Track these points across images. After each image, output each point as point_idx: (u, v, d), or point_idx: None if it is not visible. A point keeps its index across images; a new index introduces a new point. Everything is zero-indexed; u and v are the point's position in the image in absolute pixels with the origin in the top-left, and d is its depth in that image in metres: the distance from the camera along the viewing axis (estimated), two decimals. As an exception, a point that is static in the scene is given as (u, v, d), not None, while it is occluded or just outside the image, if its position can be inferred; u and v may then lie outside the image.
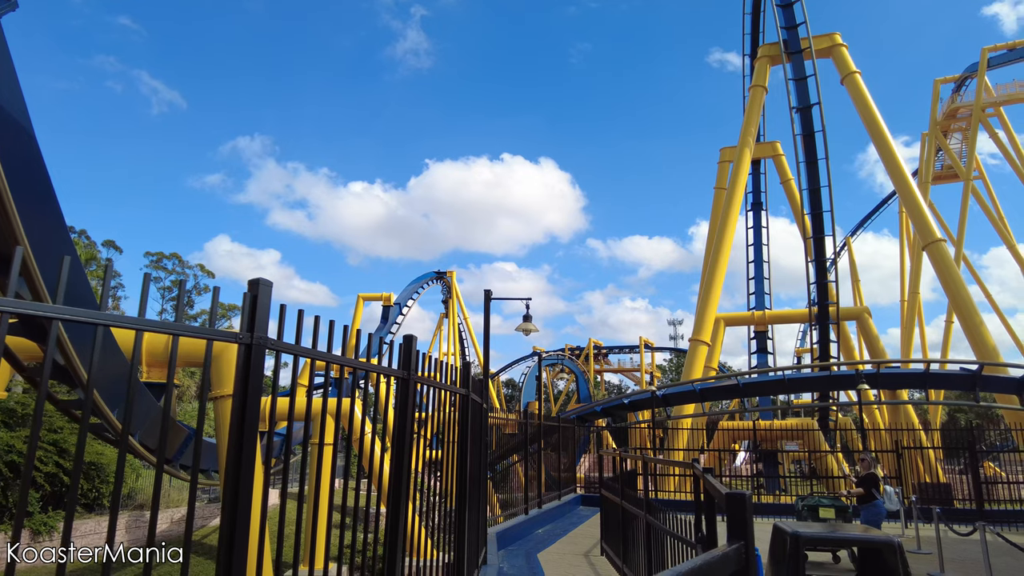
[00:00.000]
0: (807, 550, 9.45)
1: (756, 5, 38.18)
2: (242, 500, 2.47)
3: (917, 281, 39.54)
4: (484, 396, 7.53)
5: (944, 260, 26.79)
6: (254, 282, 2.71)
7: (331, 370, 3.39)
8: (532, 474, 13.35)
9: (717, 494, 2.68)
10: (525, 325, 12.88)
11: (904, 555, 5.43)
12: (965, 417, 53.72)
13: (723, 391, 27.22)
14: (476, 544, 6.79)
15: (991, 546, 8.33)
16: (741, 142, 32.70)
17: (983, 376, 22.07)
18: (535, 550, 10.30)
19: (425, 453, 5.02)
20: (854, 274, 50.69)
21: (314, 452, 10.53)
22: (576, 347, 72.94)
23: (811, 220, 31.32)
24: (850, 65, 30.96)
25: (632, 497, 7.65)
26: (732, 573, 1.70)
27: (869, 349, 33.21)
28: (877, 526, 9.99)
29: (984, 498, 16.52)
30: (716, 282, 30.55)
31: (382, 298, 50.71)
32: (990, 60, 37.98)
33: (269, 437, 3.23)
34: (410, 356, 3.84)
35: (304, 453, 3.28)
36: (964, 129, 41.68)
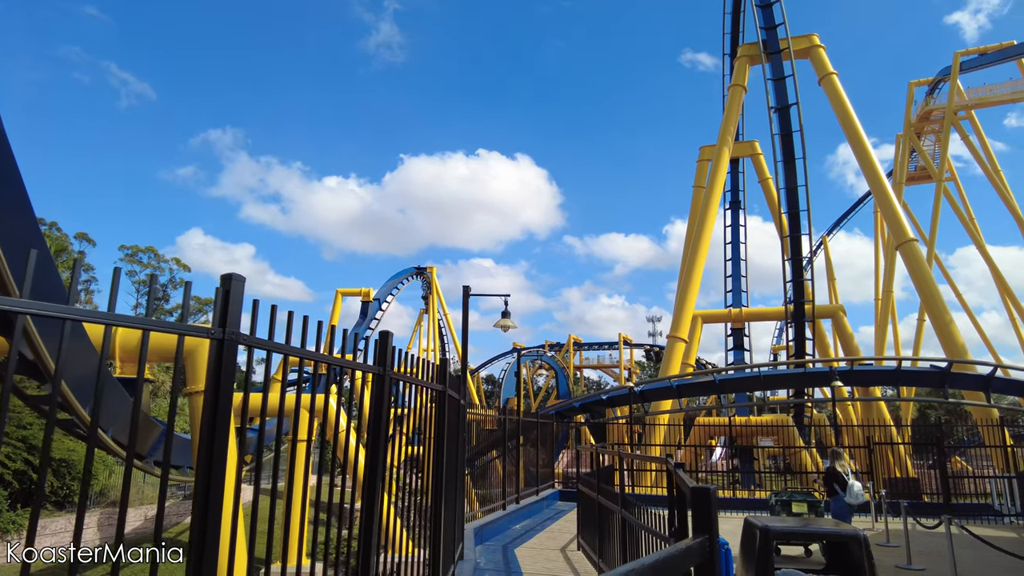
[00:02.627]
0: (780, 544, 9.62)
1: (736, 5, 38.52)
2: (213, 496, 2.45)
3: (891, 280, 40.25)
4: (462, 392, 7.54)
5: (916, 260, 27.32)
6: (226, 277, 2.69)
7: (305, 366, 3.38)
8: (511, 470, 13.40)
9: (686, 488, 2.72)
10: (504, 321, 12.91)
11: (869, 548, 5.56)
12: (935, 413, 54.83)
13: (700, 387, 27.53)
14: (453, 539, 6.81)
15: (956, 539, 8.53)
16: (720, 141, 32.99)
17: (952, 373, 22.59)
18: (512, 545, 10.35)
19: (403, 449, 5.02)
20: (830, 273, 51.48)
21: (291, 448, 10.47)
22: (556, 343, 73.20)
23: (788, 219, 31.70)
24: (827, 66, 31.39)
25: (608, 492, 7.71)
26: (697, 566, 1.74)
27: (843, 347, 33.76)
28: (845, 519, 10.19)
29: (951, 492, 16.90)
30: (694, 279, 30.84)
31: (361, 293, 50.40)
32: (962, 64, 38.70)
33: (242, 434, 3.22)
34: (386, 352, 3.84)
35: (276, 450, 3.27)
36: (937, 131, 42.45)
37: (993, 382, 22.04)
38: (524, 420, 14.88)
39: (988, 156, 40.65)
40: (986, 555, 9.42)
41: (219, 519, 2.47)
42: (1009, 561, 8.97)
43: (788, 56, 31.91)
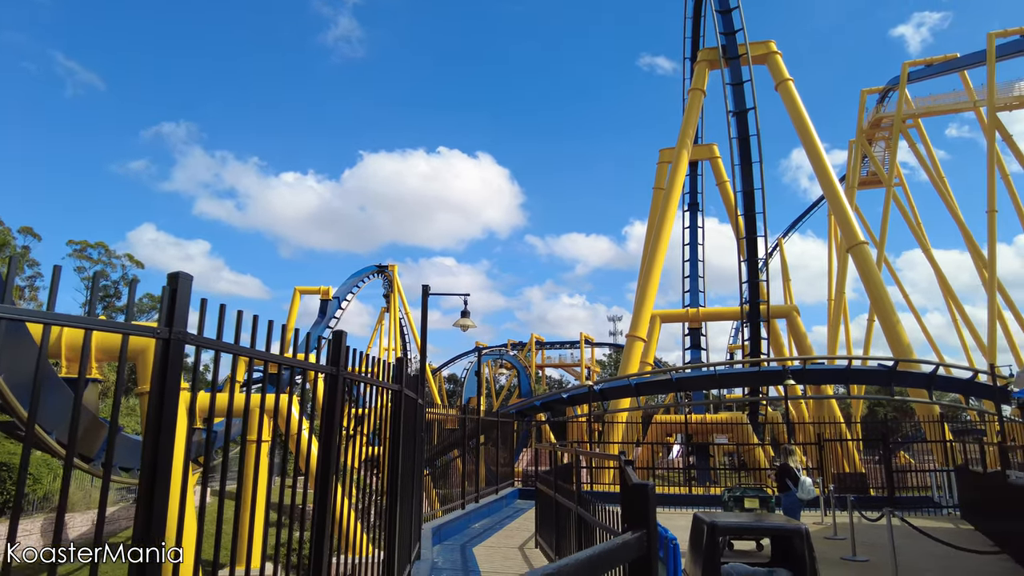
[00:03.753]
0: (733, 539, 9.86)
1: (697, 10, 39.19)
2: (158, 500, 2.42)
3: (843, 281, 41.48)
4: (420, 392, 7.52)
5: (866, 262, 28.25)
6: (173, 275, 2.65)
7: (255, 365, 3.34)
8: (471, 469, 13.40)
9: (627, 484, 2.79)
10: (463, 321, 12.90)
11: (811, 541, 5.76)
12: (883, 410, 56.77)
13: (658, 386, 27.95)
14: (409, 539, 6.80)
15: (898, 530, 8.87)
16: (679, 144, 33.54)
17: (898, 372, 23.42)
18: (471, 544, 10.37)
19: (361, 450, 4.99)
20: (784, 274, 52.78)
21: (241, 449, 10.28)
22: (518, 342, 73.42)
23: (744, 221, 32.40)
24: (784, 72, 32.20)
25: (565, 490, 7.79)
26: (634, 559, 1.79)
27: (797, 346, 34.70)
28: (795, 514, 10.50)
29: (895, 486, 17.53)
30: (653, 280, 31.30)
31: (320, 291, 49.66)
32: (910, 74, 40.09)
33: (189, 435, 3.17)
34: (339, 352, 3.82)
35: (225, 451, 3.23)
36: (887, 138, 43.91)
37: (935, 380, 22.93)
38: (485, 419, 14.90)
39: (933, 163, 42.23)
40: (925, 545, 9.81)
41: (163, 520, 2.44)
42: (945, 550, 9.38)
43: (746, 61, 32.61)
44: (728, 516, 7.05)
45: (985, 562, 9.46)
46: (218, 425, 21.72)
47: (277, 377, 3.60)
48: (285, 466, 3.85)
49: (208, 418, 3.11)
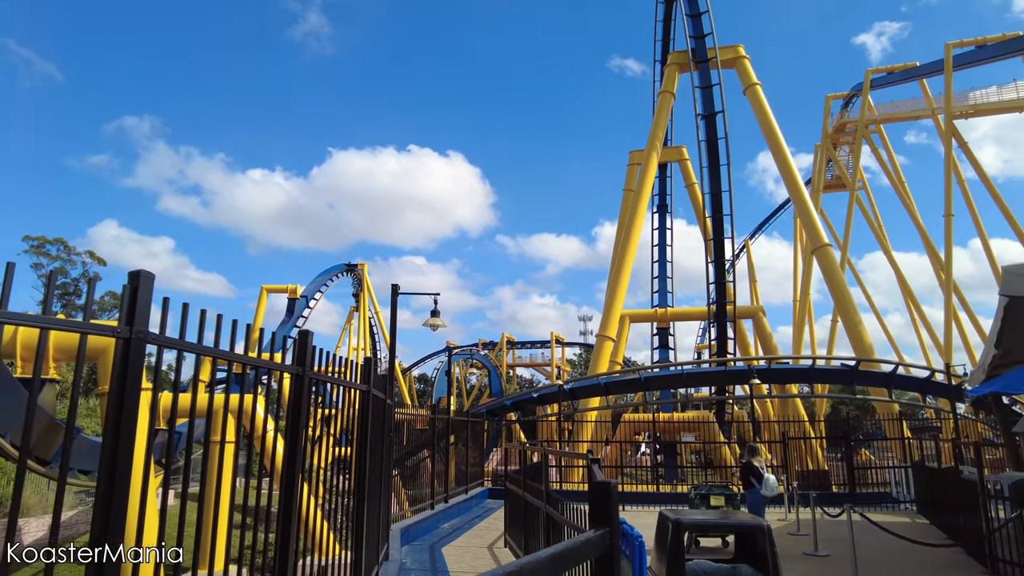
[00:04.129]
0: (699, 536, 10.01)
1: (667, 13, 39.62)
2: (116, 502, 2.37)
3: (808, 283, 42.37)
4: (390, 392, 7.48)
5: (830, 264, 28.90)
6: (134, 274, 2.61)
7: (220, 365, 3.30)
8: (440, 469, 13.37)
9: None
10: (432, 320, 12.86)
11: (772, 537, 5.89)
12: (846, 409, 58.11)
13: (627, 385, 28.20)
14: (377, 540, 6.76)
15: (858, 525, 9.10)
16: (649, 146, 33.88)
17: (860, 371, 24.00)
18: (440, 544, 10.35)
19: (329, 451, 4.95)
20: (751, 275, 53.68)
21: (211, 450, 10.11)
22: (489, 341, 73.41)
23: (712, 223, 32.87)
24: (752, 77, 32.75)
25: (534, 489, 7.82)
26: (598, 557, 1.82)
27: (763, 346, 35.31)
28: (760, 511, 10.69)
29: (856, 482, 17.97)
30: (622, 280, 31.57)
31: (287, 290, 48.94)
32: (873, 81, 41.13)
33: (150, 436, 3.11)
34: (305, 352, 3.78)
35: (188, 452, 3.18)
36: (850, 143, 44.99)
37: (895, 379, 23.56)
38: (455, 419, 14.87)
39: (894, 168, 43.39)
40: (883, 539, 10.09)
41: (122, 522, 2.40)
42: (902, 544, 9.66)
43: (715, 65, 33.09)
44: (693, 514, 7.16)
45: (939, 554, 9.78)
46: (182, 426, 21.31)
47: (242, 377, 3.56)
48: (250, 467, 3.80)
49: (170, 419, 3.06)
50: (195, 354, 2.94)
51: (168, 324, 2.73)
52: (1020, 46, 32.68)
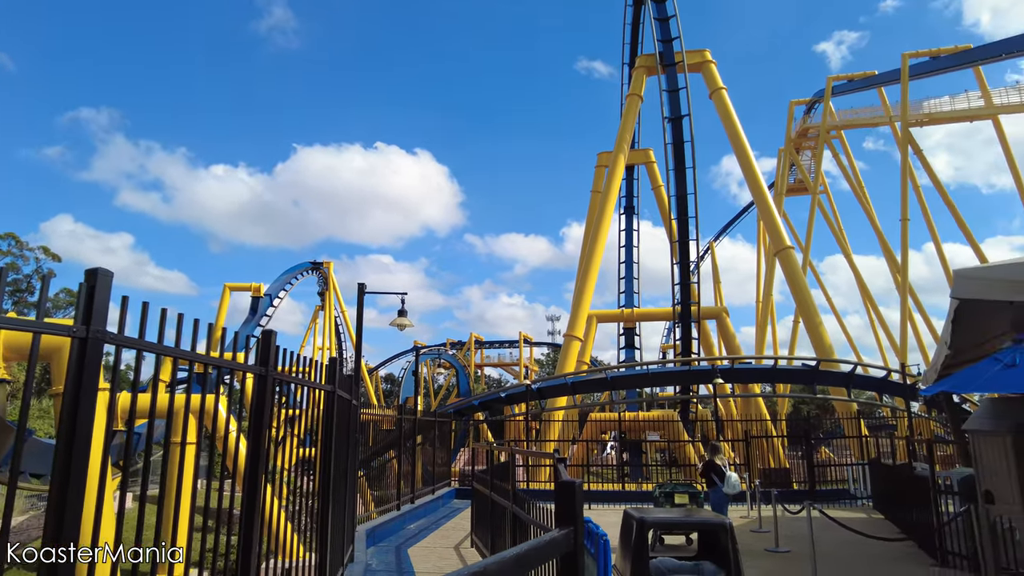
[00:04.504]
0: (664, 534, 10.14)
1: (636, 17, 40.01)
2: (70, 508, 2.31)
3: (770, 284, 43.23)
4: (355, 392, 7.42)
5: (793, 266, 29.53)
6: (91, 272, 2.54)
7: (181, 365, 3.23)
8: (407, 469, 13.29)
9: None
10: (400, 320, 12.77)
11: (734, 534, 6.01)
12: (807, 408, 59.45)
13: (594, 384, 28.42)
14: (342, 542, 6.69)
15: (817, 522, 9.33)
16: (616, 148, 34.18)
17: (820, 371, 24.57)
18: (406, 545, 10.29)
19: (295, 452, 4.89)
20: (715, 276, 54.51)
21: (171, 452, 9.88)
22: (457, 341, 73.20)
23: (677, 224, 33.31)
24: (718, 81, 33.28)
25: (501, 489, 7.83)
26: (562, 556, 1.84)
27: (726, 346, 35.92)
28: (722, 508, 10.88)
29: (816, 479, 18.41)
30: (590, 280, 31.80)
31: (251, 288, 48.06)
32: (834, 88, 42.14)
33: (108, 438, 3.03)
34: (268, 352, 3.73)
35: (147, 454, 3.10)
36: (813, 147, 46.02)
37: (853, 379, 24.19)
38: (422, 419, 14.80)
39: (854, 172, 44.55)
40: (841, 535, 10.35)
41: (77, 526, 2.33)
42: (859, 539, 9.93)
43: (682, 69, 33.53)
44: (657, 512, 7.26)
45: (892, 548, 10.09)
46: (141, 427, 20.79)
47: (204, 377, 3.49)
48: (212, 469, 3.74)
49: (129, 420, 2.99)
50: (155, 354, 2.88)
51: (127, 323, 2.67)
52: (971, 58, 33.84)
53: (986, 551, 6.88)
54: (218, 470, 13.11)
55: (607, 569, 4.02)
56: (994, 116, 35.04)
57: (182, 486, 3.21)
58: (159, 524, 3.09)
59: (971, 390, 6.35)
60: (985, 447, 6.67)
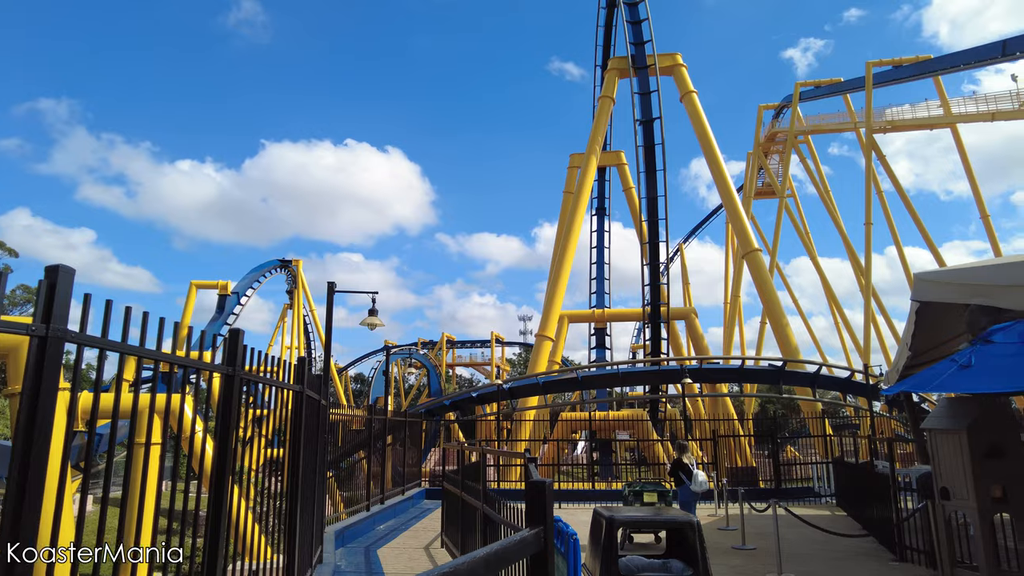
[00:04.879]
0: (633, 532, 10.24)
1: (609, 19, 40.32)
2: (27, 511, 2.25)
3: (738, 286, 43.89)
4: (324, 392, 7.34)
5: (760, 268, 30.04)
6: (52, 268, 2.48)
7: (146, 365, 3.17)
8: (376, 470, 13.20)
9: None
10: (370, 319, 12.67)
11: (701, 532, 6.10)
12: (773, 407, 60.45)
13: (565, 384, 28.55)
14: (311, 543, 6.62)
15: (783, 519, 9.51)
16: (588, 150, 34.39)
17: (786, 371, 25.03)
18: (376, 546, 10.22)
19: (262, 452, 4.82)
20: (684, 278, 55.16)
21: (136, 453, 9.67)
22: (429, 340, 72.87)
23: (648, 226, 33.63)
24: (688, 85, 33.69)
25: (472, 489, 7.82)
26: (532, 555, 1.85)
27: (695, 346, 36.38)
28: (691, 507, 11.03)
29: (782, 478, 18.76)
30: (562, 281, 31.94)
31: (218, 286, 47.15)
32: (802, 94, 42.95)
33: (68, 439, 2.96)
34: (236, 351, 3.67)
35: (110, 455, 3.04)
36: (781, 152, 46.84)
37: (818, 379, 24.69)
38: (393, 419, 14.70)
39: (820, 177, 45.43)
40: (806, 532, 10.59)
41: (35, 530, 2.27)
42: (822, 535, 10.17)
43: (654, 72, 33.85)
44: (626, 510, 7.32)
45: (854, 544, 10.34)
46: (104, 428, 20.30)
47: (169, 377, 3.43)
48: (177, 470, 3.66)
49: (91, 420, 2.92)
50: (119, 353, 2.81)
51: (89, 321, 2.61)
52: (931, 68, 34.77)
53: (942, 545, 7.09)
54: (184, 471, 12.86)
55: (577, 568, 4.04)
56: (952, 125, 36.05)
57: (146, 488, 3.15)
58: (122, 527, 3.02)
59: (930, 390, 6.54)
60: (942, 445, 6.87)
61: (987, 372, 5.50)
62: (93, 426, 3.08)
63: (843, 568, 8.85)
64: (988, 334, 5.97)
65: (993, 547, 6.31)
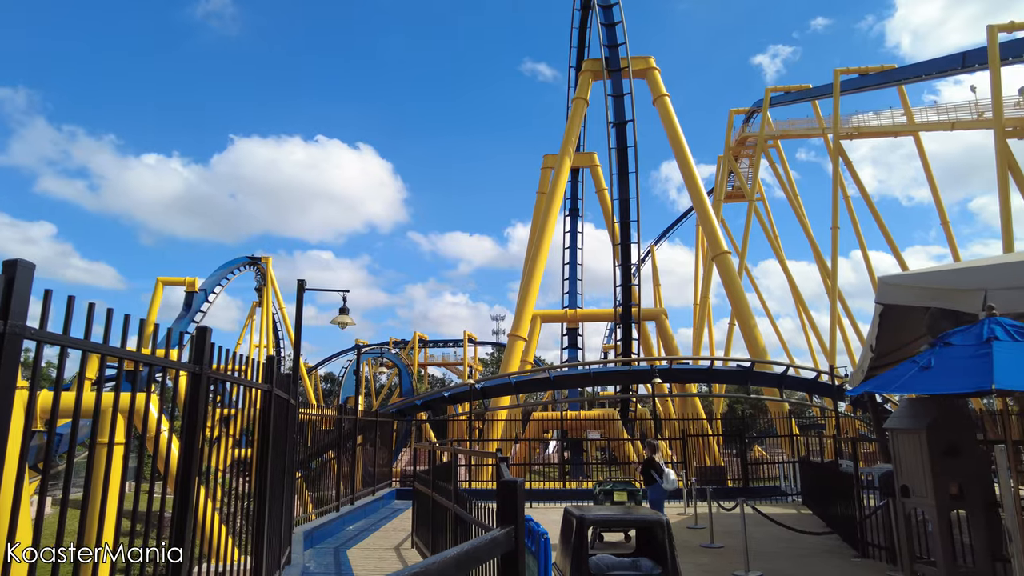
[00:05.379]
0: (604, 531, 10.30)
1: (583, 21, 40.52)
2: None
3: (708, 287, 44.43)
4: (293, 392, 7.25)
5: (729, 270, 30.47)
6: (10, 263, 2.40)
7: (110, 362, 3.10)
8: (346, 470, 13.08)
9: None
10: (341, 318, 12.54)
11: (671, 531, 6.17)
12: (741, 407, 61.35)
13: (537, 384, 28.60)
14: (279, 544, 6.54)
15: (750, 518, 9.67)
16: (562, 151, 34.53)
17: (754, 372, 25.41)
18: (345, 546, 10.13)
19: (230, 452, 4.74)
20: (655, 279, 55.67)
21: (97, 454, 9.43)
22: (401, 340, 72.42)
23: (620, 228, 33.86)
24: (661, 88, 34.01)
25: (443, 489, 7.80)
26: (503, 554, 1.85)
27: (665, 347, 36.77)
28: (660, 505, 11.14)
29: (750, 477, 19.06)
30: (535, 281, 32.02)
31: (185, 283, 46.24)
32: (772, 99, 43.67)
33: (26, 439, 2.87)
34: (203, 349, 3.61)
35: (70, 455, 2.96)
36: (751, 156, 47.56)
37: (785, 380, 25.12)
38: (363, 419, 14.58)
39: (789, 181, 46.25)
40: (773, 530, 10.78)
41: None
42: (789, 533, 10.36)
43: (627, 75, 34.11)
44: (597, 509, 7.37)
45: (819, 541, 10.56)
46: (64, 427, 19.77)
47: (134, 375, 3.35)
48: (141, 470, 3.58)
49: (51, 419, 2.84)
50: (81, 350, 2.74)
51: (50, 317, 2.54)
52: (896, 77, 35.65)
53: (902, 542, 7.27)
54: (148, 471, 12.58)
55: (548, 567, 4.06)
56: (915, 133, 36.99)
57: (108, 489, 3.08)
58: (82, 529, 2.94)
59: (892, 391, 6.70)
60: (903, 444, 7.05)
61: (946, 373, 5.66)
62: (53, 425, 3.00)
63: (808, 565, 9.03)
64: (947, 336, 6.14)
65: (950, 542, 6.49)
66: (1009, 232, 24.48)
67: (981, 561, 6.35)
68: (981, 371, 5.28)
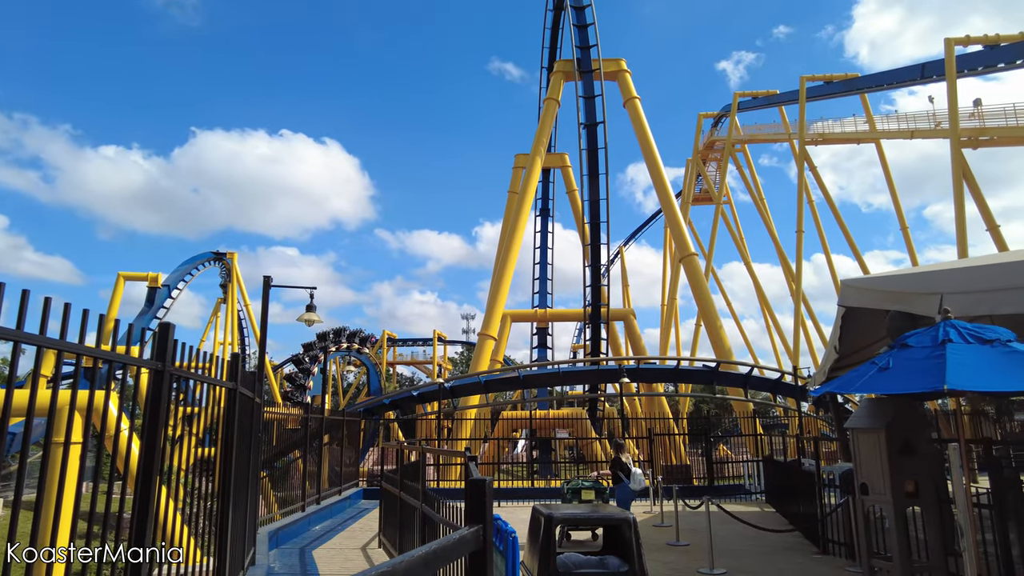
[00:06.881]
0: (570, 529, 10.35)
1: (556, 22, 40.67)
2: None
3: (675, 289, 44.98)
4: (258, 390, 7.14)
5: (696, 271, 30.91)
6: (-37, 256, 2.32)
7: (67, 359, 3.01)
8: (312, 470, 12.92)
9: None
10: (308, 315, 12.38)
11: (637, 529, 6.24)
12: (707, 407, 62.25)
13: (506, 383, 28.66)
14: (243, 545, 6.43)
15: (715, 516, 9.82)
16: (533, 151, 34.62)
17: (719, 372, 25.83)
18: (311, 547, 10.01)
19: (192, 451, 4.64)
20: (624, 279, 56.21)
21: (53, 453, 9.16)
22: (368, 335, 71.70)
23: (590, 228, 34.09)
24: (632, 90, 34.33)
25: (410, 488, 7.75)
26: (471, 553, 1.85)
27: (633, 347, 37.10)
28: (627, 504, 11.24)
29: (715, 476, 19.34)
30: (505, 280, 32.06)
31: (147, 278, 45.10)
32: (740, 104, 44.39)
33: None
34: (166, 345, 3.53)
35: (23, 455, 2.87)
36: (718, 159, 48.28)
37: (750, 380, 25.59)
38: (330, 418, 14.43)
39: (756, 185, 47.09)
40: (737, 528, 10.96)
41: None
42: (752, 531, 10.55)
43: (599, 76, 34.35)
44: (565, 508, 7.41)
45: (781, 539, 10.77)
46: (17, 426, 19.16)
47: (93, 372, 3.26)
48: (99, 470, 3.49)
49: (2, 418, 2.75)
50: (36, 346, 2.66)
51: (3, 312, 2.46)
52: (859, 85, 36.57)
53: (861, 538, 7.46)
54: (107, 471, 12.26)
55: (515, 566, 4.06)
56: (877, 140, 37.94)
57: (63, 490, 2.99)
58: (35, 531, 2.86)
59: (852, 391, 6.87)
60: (862, 443, 7.23)
61: (903, 374, 5.81)
62: (5, 424, 2.90)
63: (771, 562, 9.20)
64: (905, 338, 6.31)
65: (905, 538, 6.68)
66: (963, 238, 25.26)
67: (935, 555, 6.55)
68: (935, 372, 5.44)
